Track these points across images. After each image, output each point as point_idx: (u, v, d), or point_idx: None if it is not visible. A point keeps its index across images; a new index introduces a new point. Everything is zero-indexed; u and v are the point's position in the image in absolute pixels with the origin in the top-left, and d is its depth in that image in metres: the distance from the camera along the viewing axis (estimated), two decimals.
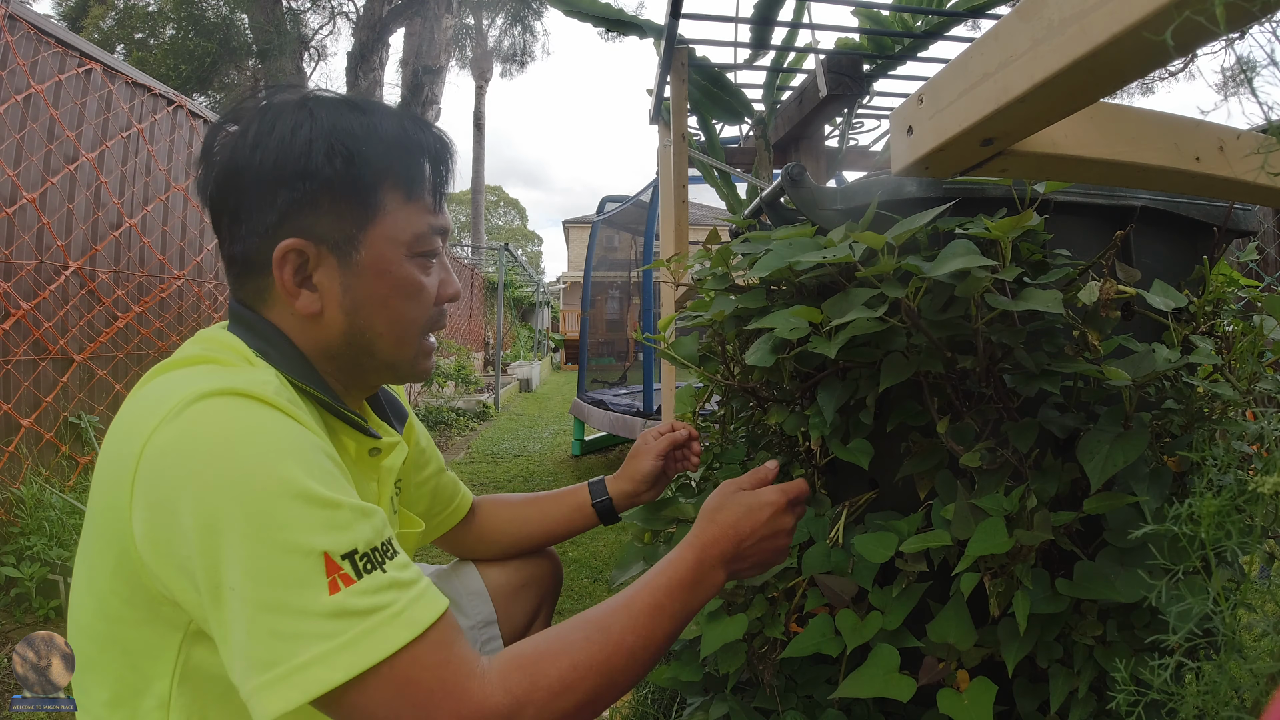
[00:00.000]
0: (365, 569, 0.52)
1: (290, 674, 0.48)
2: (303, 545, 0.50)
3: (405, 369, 0.72)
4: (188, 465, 0.52)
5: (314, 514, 0.52)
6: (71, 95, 2.54)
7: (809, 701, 0.89)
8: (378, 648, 0.50)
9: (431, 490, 0.96)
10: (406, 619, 0.52)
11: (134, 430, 0.55)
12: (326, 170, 0.63)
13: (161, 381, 0.59)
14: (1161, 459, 0.77)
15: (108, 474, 0.57)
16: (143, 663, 0.57)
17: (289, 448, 0.54)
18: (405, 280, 0.68)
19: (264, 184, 0.63)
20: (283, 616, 0.49)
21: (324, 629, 0.49)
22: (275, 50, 8.55)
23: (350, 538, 0.52)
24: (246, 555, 0.50)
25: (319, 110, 0.65)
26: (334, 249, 0.65)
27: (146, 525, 0.53)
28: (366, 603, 0.51)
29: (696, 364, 1.08)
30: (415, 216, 0.68)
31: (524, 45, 17.16)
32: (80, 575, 0.60)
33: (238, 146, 0.64)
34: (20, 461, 2.32)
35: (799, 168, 0.91)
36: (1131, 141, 0.58)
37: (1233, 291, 0.91)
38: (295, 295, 0.65)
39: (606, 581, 2.35)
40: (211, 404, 0.54)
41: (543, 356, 13.02)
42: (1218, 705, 0.50)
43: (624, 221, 5.63)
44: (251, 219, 0.64)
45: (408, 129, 0.69)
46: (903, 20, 1.97)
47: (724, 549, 0.68)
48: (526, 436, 5.43)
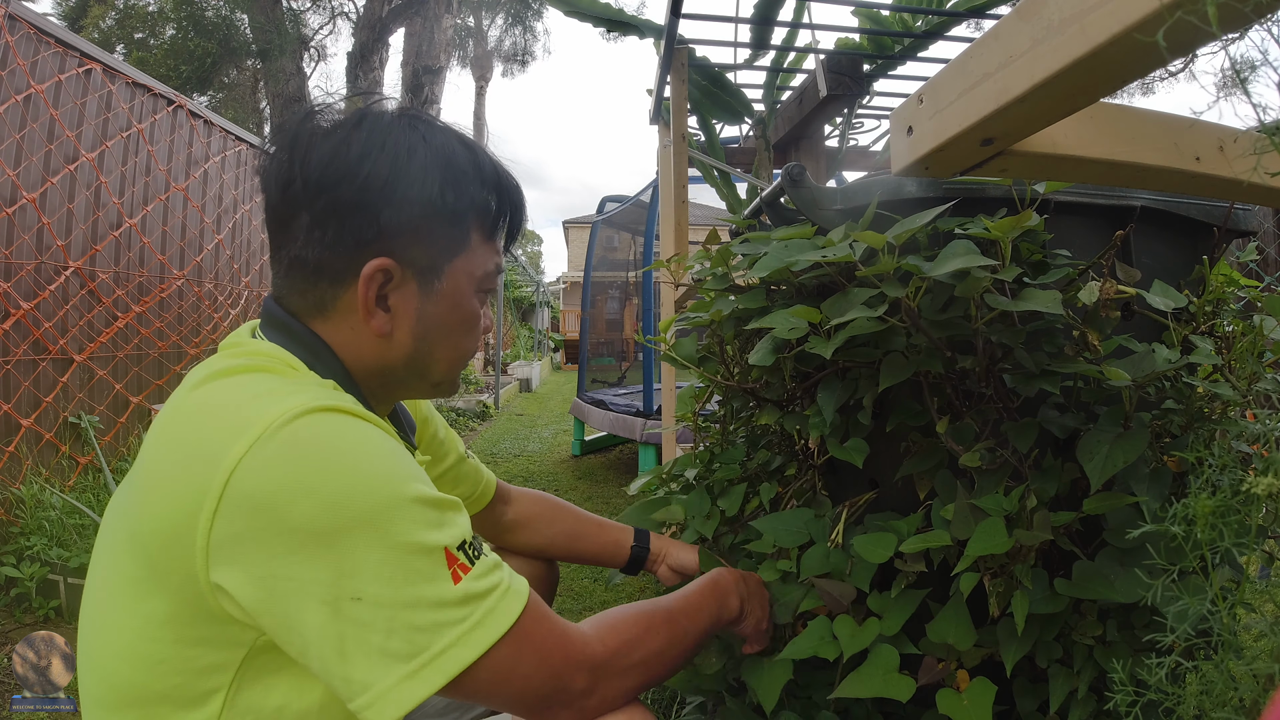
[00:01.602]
0: (474, 555, 0.58)
1: (430, 661, 0.53)
2: (427, 544, 0.54)
3: (446, 388, 0.76)
4: (295, 492, 0.52)
5: (429, 514, 0.56)
6: (71, 95, 2.54)
7: (808, 702, 0.89)
8: (502, 620, 0.56)
9: (452, 481, 0.97)
10: (516, 591, 0.59)
11: (206, 453, 0.53)
12: (438, 201, 0.65)
13: (217, 394, 0.57)
14: (1161, 459, 0.77)
15: (168, 500, 0.54)
16: (197, 681, 0.56)
17: (389, 455, 0.57)
18: (471, 313, 0.71)
19: (368, 198, 0.63)
20: (419, 611, 0.53)
21: (455, 615, 0.54)
22: (275, 50, 8.55)
23: (458, 531, 0.58)
24: (378, 562, 0.53)
25: (431, 137, 0.66)
26: (418, 274, 0.66)
27: (234, 557, 0.52)
28: (484, 585, 0.57)
29: (696, 365, 1.08)
30: (488, 255, 0.71)
31: (524, 45, 17.16)
32: (119, 595, 0.57)
33: (340, 152, 0.63)
34: (20, 461, 2.32)
35: (799, 168, 0.91)
36: (1131, 141, 0.58)
37: (1233, 291, 0.91)
38: (373, 314, 0.65)
39: (606, 581, 2.36)
40: (303, 424, 0.54)
41: (542, 356, 13.02)
42: (1216, 705, 0.50)
43: (624, 221, 5.63)
44: (343, 228, 0.63)
45: (501, 174, 0.72)
46: (903, 20, 1.97)
47: (735, 580, 0.85)
48: (526, 436, 5.43)
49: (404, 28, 9.22)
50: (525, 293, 15.52)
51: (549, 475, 3.96)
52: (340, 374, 0.66)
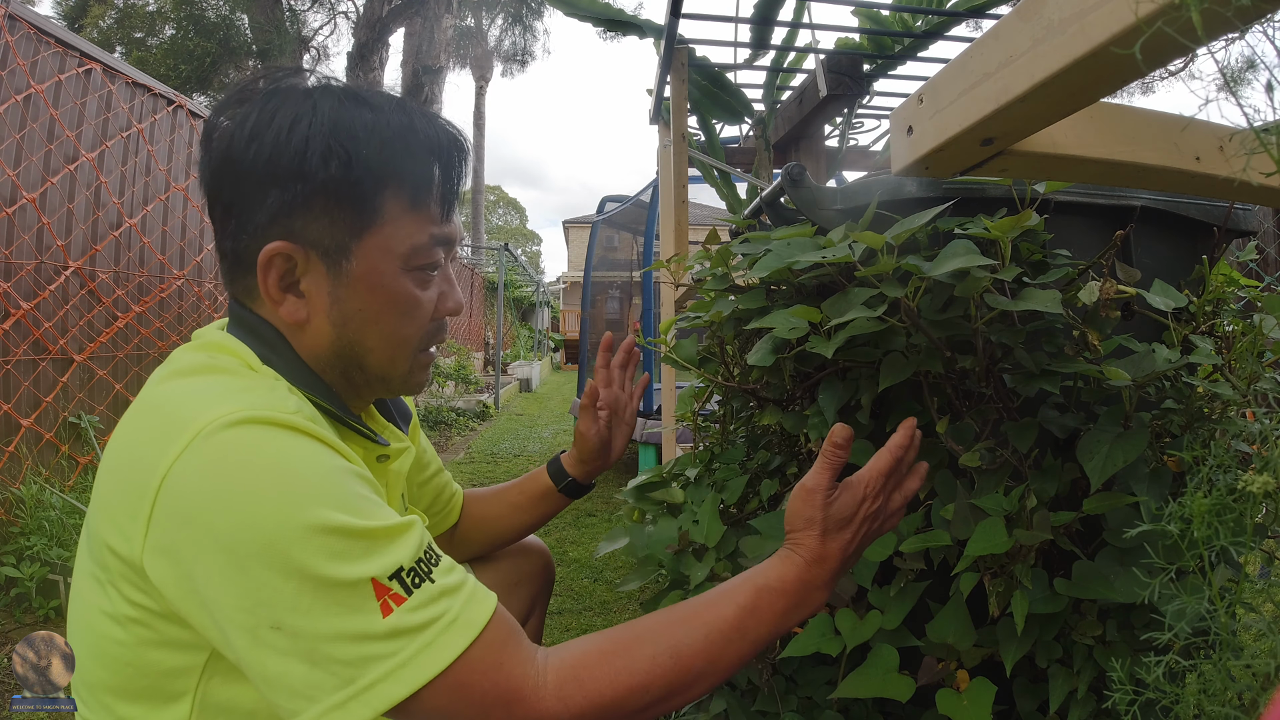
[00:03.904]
0: (414, 584, 0.52)
1: (355, 695, 0.49)
2: (347, 578, 0.50)
3: (398, 384, 0.69)
4: (213, 508, 0.50)
5: (352, 546, 0.51)
6: (71, 95, 2.54)
7: (808, 702, 0.89)
8: (437, 658, 0.51)
9: (434, 491, 0.96)
10: (462, 624, 0.53)
11: (146, 457, 0.52)
12: (321, 173, 0.59)
13: (168, 395, 0.56)
14: (1161, 459, 0.77)
15: (116, 500, 0.54)
16: (164, 683, 0.56)
17: (320, 482, 0.52)
18: (398, 295, 0.64)
19: (256, 180, 0.59)
20: (341, 644, 0.50)
21: (384, 650, 0.50)
22: (275, 50, 8.55)
23: (393, 559, 0.52)
24: (293, 595, 0.49)
25: (322, 103, 0.60)
26: (324, 256, 0.61)
27: (167, 565, 0.51)
28: (420, 617, 0.51)
29: (696, 365, 1.08)
30: (417, 226, 0.63)
31: (524, 45, 17.17)
32: (86, 596, 0.57)
33: (235, 136, 0.60)
34: (20, 461, 2.32)
35: (799, 168, 0.90)
36: (1131, 141, 0.58)
37: (1233, 291, 0.91)
38: (279, 301, 0.62)
39: (606, 581, 2.35)
40: (231, 435, 0.51)
41: (542, 356, 13.02)
42: (1215, 705, 0.50)
43: (624, 221, 5.63)
44: (242, 215, 0.61)
45: (418, 128, 0.63)
46: (903, 20, 1.97)
47: (832, 567, 0.61)
48: (526, 436, 5.43)
49: (404, 27, 9.22)
50: (525, 293, 15.53)
51: None
52: (300, 368, 0.63)
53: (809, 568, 0.61)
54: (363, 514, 0.53)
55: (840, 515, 0.61)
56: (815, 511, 0.61)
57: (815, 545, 0.61)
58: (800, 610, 0.61)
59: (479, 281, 11.44)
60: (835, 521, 0.61)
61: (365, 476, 0.58)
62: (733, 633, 0.58)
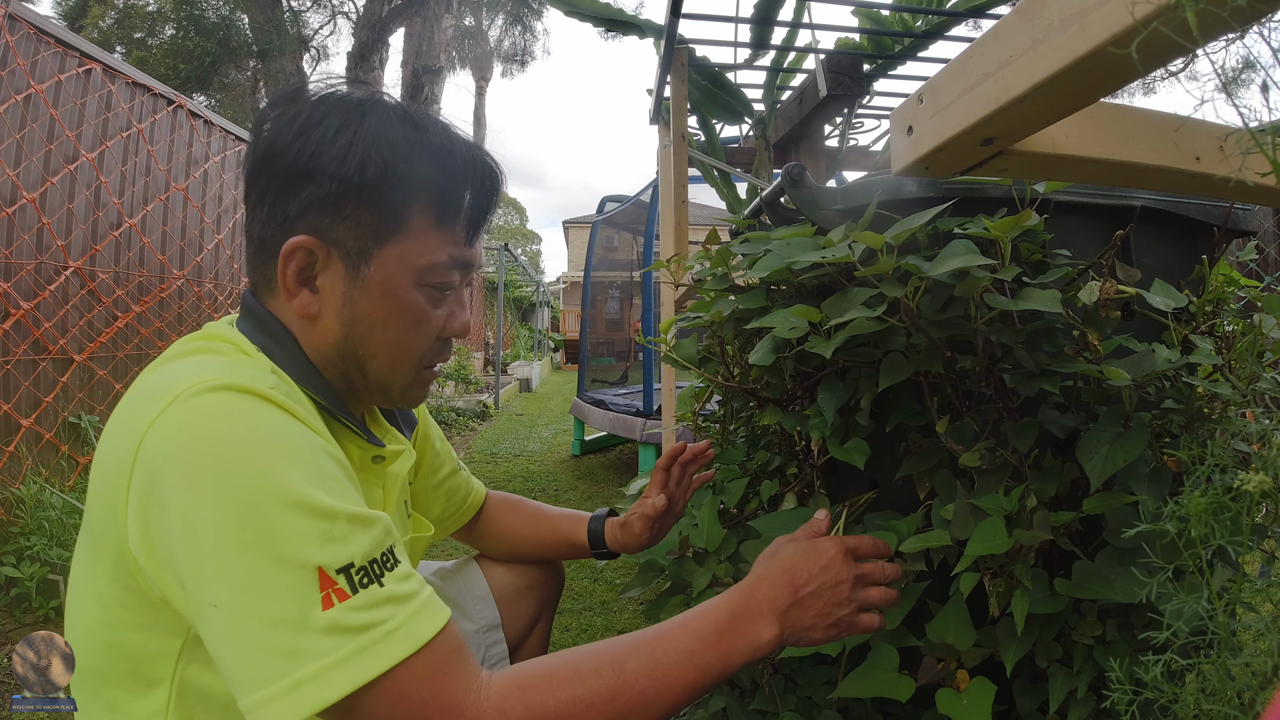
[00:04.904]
0: (361, 583, 0.51)
1: (285, 691, 0.48)
2: (296, 558, 0.49)
3: (397, 395, 0.70)
4: (179, 465, 0.50)
5: (309, 525, 0.51)
6: (71, 95, 2.54)
7: (807, 702, 0.89)
8: (372, 664, 0.50)
9: (446, 493, 0.96)
10: (403, 635, 0.51)
11: (130, 427, 0.54)
12: (357, 177, 0.61)
13: (157, 376, 0.58)
14: (1161, 459, 0.77)
15: (105, 473, 0.56)
16: (143, 668, 0.57)
17: (287, 449, 0.53)
18: (409, 306, 0.65)
19: (295, 174, 0.62)
20: (276, 631, 0.49)
21: (318, 645, 0.49)
22: (275, 50, 8.56)
23: (347, 551, 0.52)
24: (236, 566, 0.49)
25: (371, 114, 0.63)
26: (344, 256, 0.63)
27: (139, 526, 0.52)
28: (361, 619, 0.50)
29: (696, 365, 1.08)
30: (438, 244, 0.65)
31: (524, 45, 17.18)
32: (79, 578, 0.60)
33: (284, 129, 0.63)
34: (20, 461, 2.32)
35: (799, 168, 0.91)
36: (1131, 141, 0.58)
37: (1233, 291, 0.91)
38: (294, 293, 0.64)
39: (607, 581, 2.35)
40: (207, 399, 0.52)
41: (542, 356, 13.02)
42: (1214, 704, 0.50)
43: (624, 221, 5.63)
44: (274, 205, 0.63)
45: (458, 152, 0.66)
46: (903, 20, 1.97)
47: (776, 592, 0.63)
48: (526, 436, 5.43)
49: (404, 28, 9.23)
50: (525, 293, 15.53)
51: (549, 475, 3.96)
52: (302, 362, 0.65)
53: (750, 592, 0.64)
54: (329, 491, 0.53)
55: (796, 552, 0.67)
56: (769, 548, 0.69)
57: (755, 572, 0.66)
58: (742, 637, 0.61)
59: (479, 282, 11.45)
60: (789, 551, 0.67)
61: (339, 459, 0.58)
62: (680, 654, 0.58)
